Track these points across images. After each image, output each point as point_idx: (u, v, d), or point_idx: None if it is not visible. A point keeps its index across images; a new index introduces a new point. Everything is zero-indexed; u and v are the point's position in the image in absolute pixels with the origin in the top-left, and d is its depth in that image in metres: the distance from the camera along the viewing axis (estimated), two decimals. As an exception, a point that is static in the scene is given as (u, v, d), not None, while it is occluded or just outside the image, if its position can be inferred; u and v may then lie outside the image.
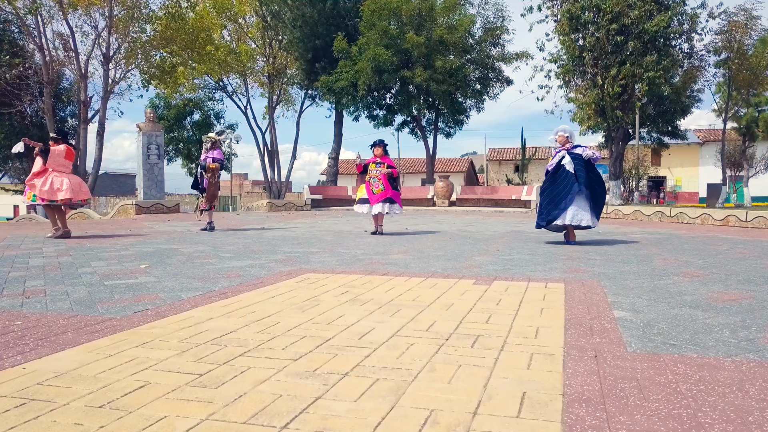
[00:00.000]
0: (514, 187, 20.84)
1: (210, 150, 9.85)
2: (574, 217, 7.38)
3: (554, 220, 7.46)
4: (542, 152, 34.03)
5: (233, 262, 5.70)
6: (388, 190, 8.96)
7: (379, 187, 8.93)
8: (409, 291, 4.06)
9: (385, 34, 20.70)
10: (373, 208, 8.94)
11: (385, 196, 8.94)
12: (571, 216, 7.39)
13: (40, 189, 8.21)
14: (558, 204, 7.42)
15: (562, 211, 7.37)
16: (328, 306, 3.53)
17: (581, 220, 7.38)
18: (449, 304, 3.62)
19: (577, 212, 7.37)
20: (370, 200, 8.94)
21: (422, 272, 5.06)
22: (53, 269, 5.21)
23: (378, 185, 8.94)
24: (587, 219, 7.40)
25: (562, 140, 7.56)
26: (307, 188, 20.22)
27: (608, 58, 16.01)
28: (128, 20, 20.60)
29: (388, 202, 8.96)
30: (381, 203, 8.91)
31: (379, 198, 8.91)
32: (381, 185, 8.94)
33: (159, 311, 3.40)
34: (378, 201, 8.90)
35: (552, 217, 7.47)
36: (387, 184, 8.97)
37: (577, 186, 7.31)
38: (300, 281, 4.50)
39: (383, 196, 8.93)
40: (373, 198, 8.91)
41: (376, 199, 8.91)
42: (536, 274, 5.01)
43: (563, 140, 7.56)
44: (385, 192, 8.94)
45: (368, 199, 8.96)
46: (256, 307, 3.49)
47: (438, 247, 7.30)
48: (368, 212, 9.02)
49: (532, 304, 3.60)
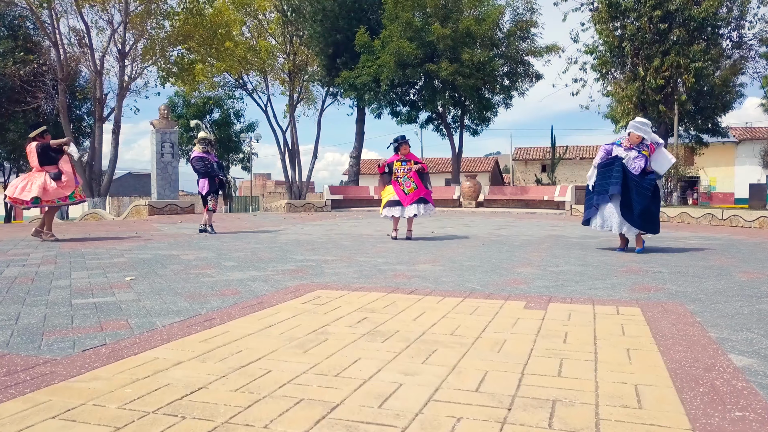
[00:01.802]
0: (545, 188, 19.76)
1: (211, 150, 9.28)
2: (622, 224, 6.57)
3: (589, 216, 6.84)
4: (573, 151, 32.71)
5: (234, 274, 4.88)
6: (421, 188, 8.02)
7: (411, 186, 7.98)
8: (444, 318, 3.18)
9: (408, 26, 19.79)
10: (406, 210, 7.98)
11: (419, 196, 7.99)
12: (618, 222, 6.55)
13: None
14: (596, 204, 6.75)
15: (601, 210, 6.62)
16: (339, 343, 2.66)
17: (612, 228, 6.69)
18: (500, 340, 2.73)
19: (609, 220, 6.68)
20: (402, 201, 7.97)
21: (457, 289, 4.17)
22: (24, 281, 4.45)
23: (409, 184, 7.99)
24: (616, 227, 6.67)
25: (634, 141, 6.57)
26: (327, 188, 19.43)
27: (650, 48, 14.85)
28: (145, 15, 20.03)
29: (422, 202, 8.03)
30: (415, 204, 7.97)
31: (413, 198, 7.95)
32: (413, 184, 7.98)
33: (116, 349, 2.57)
34: (411, 201, 7.95)
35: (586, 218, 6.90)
36: (419, 182, 8.03)
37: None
38: (307, 302, 3.65)
39: (416, 195, 7.97)
40: (405, 198, 7.95)
41: (410, 200, 7.95)
42: (598, 292, 4.09)
43: (636, 140, 6.56)
44: (419, 191, 7.99)
45: (399, 201, 8.00)
46: (244, 344, 2.64)
47: (471, 255, 6.39)
48: (400, 215, 8.06)
49: (611, 342, 2.69)
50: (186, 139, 32.94)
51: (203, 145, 9.16)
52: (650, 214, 6.58)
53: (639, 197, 6.46)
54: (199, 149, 9.15)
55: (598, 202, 6.68)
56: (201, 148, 9.14)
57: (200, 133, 9.52)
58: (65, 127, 19.76)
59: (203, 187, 9.02)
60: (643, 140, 6.54)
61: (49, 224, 7.99)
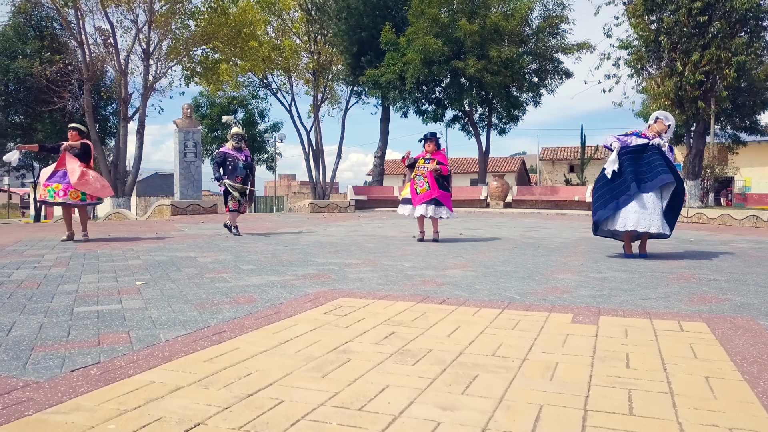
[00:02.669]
0: (576, 188, 19.16)
1: (245, 147, 8.88)
2: (640, 222, 5.73)
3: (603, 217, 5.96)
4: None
5: (251, 279, 4.56)
6: (434, 189, 7.56)
7: (424, 186, 7.57)
8: (482, 335, 2.80)
9: (435, 22, 19.35)
10: (415, 210, 7.64)
11: (430, 197, 7.54)
12: (636, 220, 5.73)
13: (93, 187, 7.42)
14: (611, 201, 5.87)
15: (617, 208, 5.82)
16: (363, 365, 2.30)
17: (650, 226, 5.74)
18: (551, 363, 2.33)
19: (644, 215, 5.73)
20: (412, 200, 7.64)
21: (493, 299, 3.78)
22: (30, 285, 4.19)
23: (423, 184, 7.58)
24: (657, 224, 5.76)
25: (660, 129, 5.97)
26: (351, 188, 19.13)
27: (689, 42, 14.16)
28: (170, 15, 19.98)
29: (433, 203, 7.58)
30: (424, 205, 7.55)
31: (423, 198, 7.55)
32: (426, 184, 7.56)
33: (109, 369, 2.25)
34: (421, 202, 7.56)
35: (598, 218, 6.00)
36: (433, 182, 7.57)
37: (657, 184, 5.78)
38: (328, 312, 3.30)
39: (427, 196, 7.54)
40: (416, 198, 7.59)
41: (419, 200, 7.57)
42: (651, 303, 3.66)
43: (662, 129, 5.98)
44: (431, 192, 7.54)
45: (410, 199, 7.68)
46: (254, 365, 2.30)
47: (504, 259, 5.98)
48: (410, 214, 7.72)
49: (684, 368, 2.28)
50: (210, 139, 32.98)
51: (235, 141, 8.79)
52: (676, 214, 6.02)
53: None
54: (230, 145, 8.80)
55: (626, 194, 5.72)
56: (233, 143, 8.78)
57: (233, 129, 9.20)
58: (90, 127, 19.79)
59: (222, 186, 8.72)
60: (661, 134, 5.99)
61: (70, 223, 7.91)
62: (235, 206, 8.69)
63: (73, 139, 7.54)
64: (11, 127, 22.14)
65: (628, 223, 5.76)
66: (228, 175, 8.54)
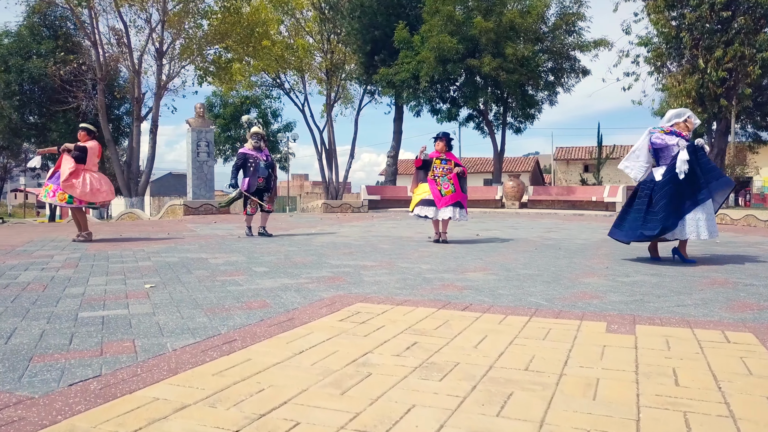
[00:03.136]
0: (593, 188, 18.81)
1: (263, 146, 8.65)
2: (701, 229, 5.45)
3: (671, 228, 5.46)
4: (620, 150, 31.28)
5: (264, 281, 4.39)
6: (458, 192, 7.45)
7: (449, 188, 7.40)
8: (512, 345, 2.59)
9: (450, 20, 19.10)
10: (440, 213, 7.42)
11: (456, 199, 7.41)
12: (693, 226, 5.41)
13: (81, 191, 7.24)
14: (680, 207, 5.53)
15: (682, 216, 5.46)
16: (385, 380, 2.11)
17: (712, 232, 5.45)
18: (591, 380, 2.12)
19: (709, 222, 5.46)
20: (436, 202, 7.41)
21: (519, 305, 3.57)
22: (35, 288, 4.05)
23: (448, 186, 7.41)
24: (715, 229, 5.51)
25: (692, 127, 5.69)
26: (364, 188, 18.94)
27: (711, 38, 13.79)
28: (183, 14, 19.93)
29: (458, 206, 7.45)
30: (451, 207, 7.39)
31: (449, 201, 7.37)
32: (452, 186, 7.40)
33: (110, 383, 2.07)
34: (447, 204, 7.37)
35: (669, 225, 5.44)
36: (458, 184, 7.47)
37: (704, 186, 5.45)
38: (345, 319, 3.11)
39: (454, 198, 7.39)
40: (441, 200, 7.37)
41: (445, 202, 7.36)
42: (689, 311, 3.43)
43: (691, 129, 5.71)
44: (456, 195, 7.41)
45: (433, 201, 7.44)
46: (267, 379, 2.11)
47: (526, 261, 5.76)
48: (433, 216, 7.50)
49: (740, 386, 2.06)
50: (223, 139, 32.97)
51: (255, 140, 8.57)
52: None
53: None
54: (250, 145, 8.58)
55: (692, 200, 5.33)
56: (252, 143, 8.55)
57: (253, 128, 8.97)
58: (104, 127, 19.81)
59: (242, 185, 8.51)
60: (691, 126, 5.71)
61: (86, 223, 7.85)
62: (253, 211, 8.51)
63: (82, 139, 7.46)
64: (26, 127, 22.22)
65: (693, 231, 5.37)
66: (250, 177, 8.34)
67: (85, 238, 7.65)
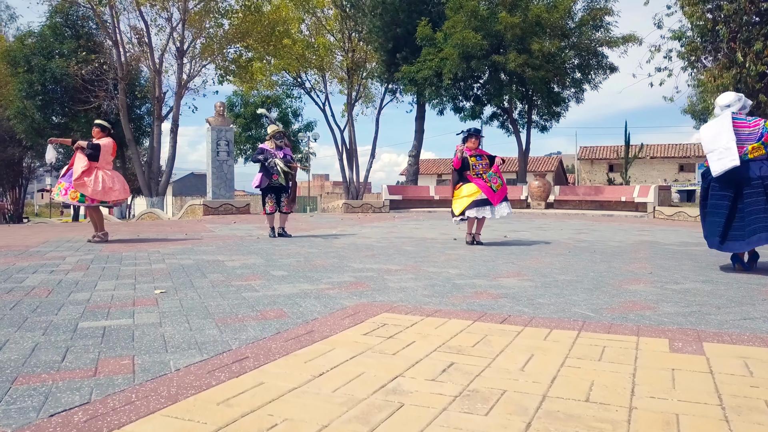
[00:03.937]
0: (622, 188, 18.23)
1: (284, 144, 8.30)
2: None
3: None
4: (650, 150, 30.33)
5: (282, 287, 4.08)
6: (505, 185, 7.26)
7: (498, 182, 7.13)
8: (565, 368, 2.23)
9: (474, 15, 18.67)
10: (496, 210, 7.01)
11: (505, 194, 7.21)
12: None
13: (93, 189, 7.03)
14: None
15: None
16: (421, 414, 1.77)
17: None
18: (669, 416, 1.76)
19: None
20: (491, 199, 6.95)
21: (563, 316, 3.21)
22: (39, 293, 3.79)
23: (496, 180, 7.11)
24: None
25: None
26: (386, 188, 18.61)
27: (750, 30, 13.18)
28: (203, 13, 19.82)
29: (505, 200, 7.20)
30: (505, 203, 7.14)
31: (501, 195, 7.10)
32: (499, 180, 7.18)
33: (98, 413, 1.77)
34: (501, 200, 7.09)
35: None
36: (503, 178, 7.36)
37: None
38: (370, 332, 2.78)
39: (504, 193, 7.17)
40: (494, 196, 6.99)
41: (499, 197, 7.06)
42: (758, 324, 3.03)
43: None
44: (504, 188, 7.21)
45: (488, 199, 6.92)
46: (281, 410, 1.79)
47: (561, 266, 5.37)
48: (491, 215, 7.03)
49: None
50: (244, 139, 32.91)
51: (278, 139, 8.18)
52: None
53: None
54: (271, 144, 8.19)
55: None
56: (274, 142, 8.17)
57: (270, 128, 8.61)
58: (125, 127, 19.81)
59: (255, 181, 8.19)
60: None
61: (102, 224, 7.68)
62: (272, 209, 8.19)
63: (96, 136, 7.28)
64: (49, 127, 22.35)
65: None
66: (264, 173, 8.05)
67: (101, 238, 7.45)
